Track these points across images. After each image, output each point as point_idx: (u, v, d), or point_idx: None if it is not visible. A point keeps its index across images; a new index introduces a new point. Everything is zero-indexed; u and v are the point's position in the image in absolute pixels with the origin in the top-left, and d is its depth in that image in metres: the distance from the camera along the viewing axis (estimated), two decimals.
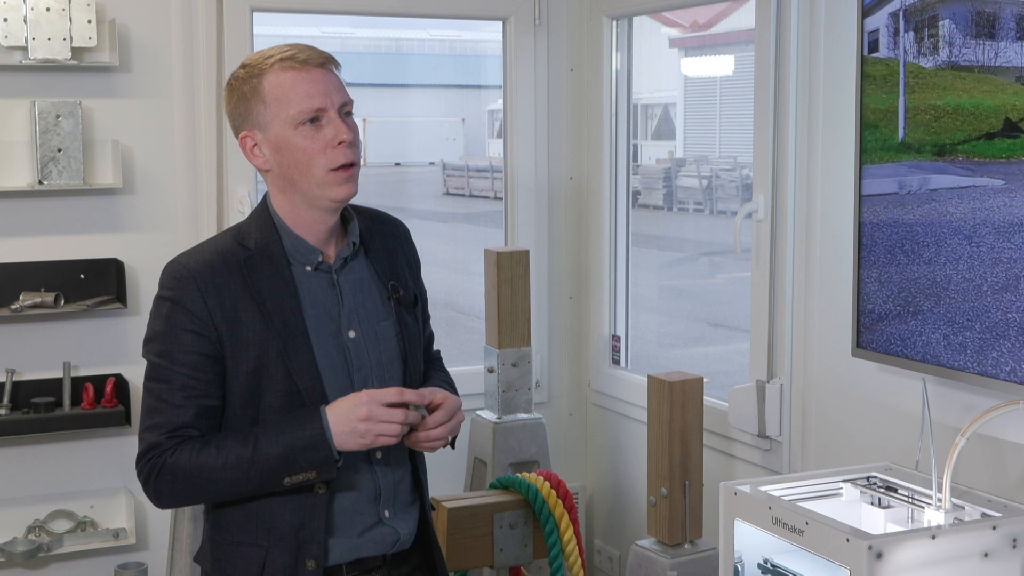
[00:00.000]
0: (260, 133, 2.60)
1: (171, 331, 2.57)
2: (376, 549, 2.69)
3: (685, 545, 3.68)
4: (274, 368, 2.58)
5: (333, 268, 2.67)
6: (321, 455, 2.54)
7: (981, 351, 2.86)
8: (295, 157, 2.58)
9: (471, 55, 14.33)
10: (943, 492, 2.62)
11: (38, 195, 4.22)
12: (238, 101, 2.63)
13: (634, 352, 4.88)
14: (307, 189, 2.61)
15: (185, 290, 2.57)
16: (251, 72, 2.60)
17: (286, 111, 2.57)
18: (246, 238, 2.65)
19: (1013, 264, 2.76)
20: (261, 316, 2.58)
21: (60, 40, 4.10)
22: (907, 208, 3.04)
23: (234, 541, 2.66)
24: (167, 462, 2.54)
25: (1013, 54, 2.75)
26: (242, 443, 2.55)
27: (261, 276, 2.61)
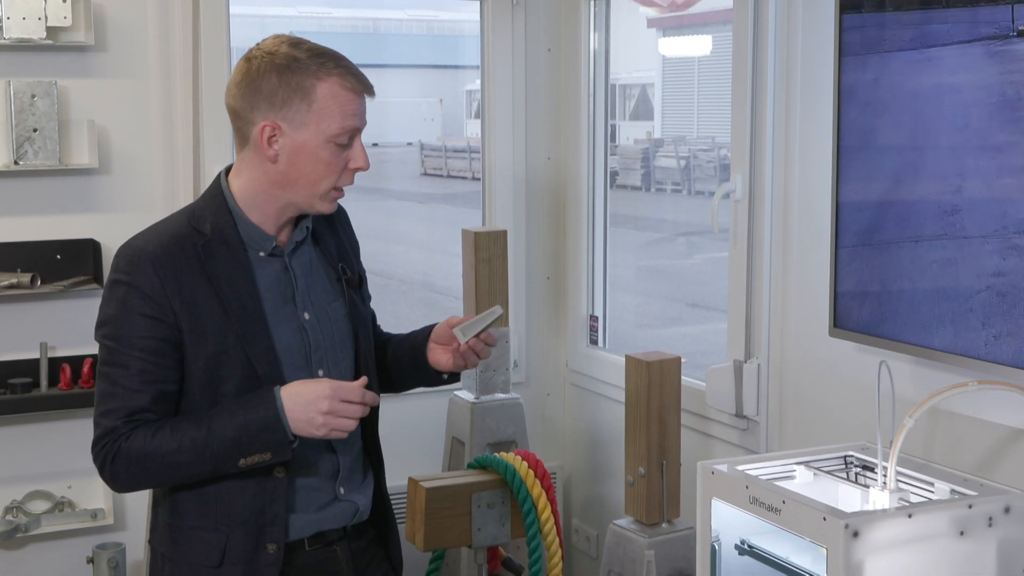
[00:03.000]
0: (287, 128, 2.58)
1: (127, 315, 2.56)
2: (336, 523, 2.75)
3: (663, 524, 3.69)
4: (233, 354, 2.59)
5: (285, 252, 2.68)
6: (276, 437, 2.55)
7: (957, 331, 2.87)
8: (310, 167, 2.59)
9: (448, 35, 14.31)
10: (888, 472, 2.64)
11: (13, 175, 4.20)
12: (278, 87, 2.57)
13: (612, 332, 4.88)
14: (300, 196, 2.63)
15: (142, 274, 2.56)
16: (304, 68, 2.57)
17: (329, 126, 2.57)
18: (201, 222, 2.64)
19: (987, 242, 2.77)
20: (219, 302, 2.58)
21: (35, 19, 4.07)
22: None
23: (193, 526, 2.67)
24: (122, 446, 2.55)
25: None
26: (196, 425, 2.56)
27: (218, 262, 2.60)
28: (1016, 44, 2.71)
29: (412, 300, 3.04)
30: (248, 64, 2.62)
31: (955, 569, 2.52)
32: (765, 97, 3.64)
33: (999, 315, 2.76)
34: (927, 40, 2.92)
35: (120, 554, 4.27)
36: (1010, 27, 2.75)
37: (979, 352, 2.82)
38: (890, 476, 2.63)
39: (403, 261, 8.51)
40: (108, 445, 2.57)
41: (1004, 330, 2.76)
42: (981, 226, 2.79)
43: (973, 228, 2.81)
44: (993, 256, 2.76)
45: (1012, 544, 2.56)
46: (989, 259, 2.78)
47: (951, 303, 2.89)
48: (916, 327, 2.99)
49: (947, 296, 2.89)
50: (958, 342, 2.87)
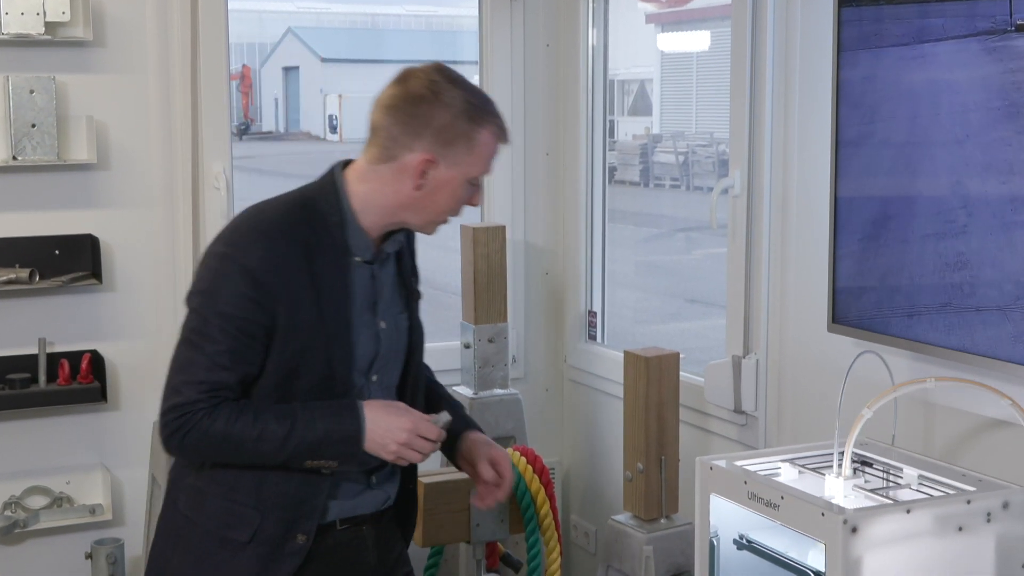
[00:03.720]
0: (443, 165, 2.64)
1: (231, 292, 2.58)
2: (369, 508, 2.81)
3: (661, 520, 3.69)
4: (316, 354, 2.64)
5: (375, 261, 2.73)
6: (350, 451, 2.64)
7: (955, 327, 2.87)
8: (445, 200, 2.68)
9: (447, 31, 14.28)
10: (844, 461, 2.66)
11: (12, 171, 4.20)
12: (448, 127, 2.63)
13: (610, 328, 4.88)
14: (418, 219, 2.72)
15: (254, 257, 2.59)
16: (472, 114, 2.64)
17: (476, 169, 2.67)
18: (312, 216, 2.67)
19: (985, 238, 2.78)
20: (316, 302, 2.63)
21: (33, 15, 4.07)
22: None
23: (231, 498, 2.70)
24: (203, 423, 2.58)
25: None
26: (279, 421, 2.60)
27: (323, 261, 2.64)
28: (1014, 39, 2.71)
29: None
30: (412, 92, 2.66)
31: (953, 564, 2.52)
32: (764, 92, 3.64)
33: (995, 312, 2.76)
34: (922, 35, 2.92)
35: (119, 550, 4.27)
36: (1008, 21, 2.75)
37: (976, 347, 2.82)
38: (845, 464, 2.66)
39: None
40: (187, 417, 2.58)
41: (1002, 327, 2.76)
42: (980, 222, 2.79)
43: (972, 224, 2.81)
44: (991, 253, 2.77)
45: (1010, 540, 2.56)
46: (987, 256, 2.78)
47: (949, 299, 2.89)
48: (914, 323, 2.99)
49: (945, 292, 2.90)
50: (955, 338, 2.88)
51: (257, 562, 2.68)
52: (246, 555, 2.67)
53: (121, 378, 4.42)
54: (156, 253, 4.41)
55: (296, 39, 34.21)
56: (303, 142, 32.04)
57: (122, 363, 4.41)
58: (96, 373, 4.28)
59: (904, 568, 2.47)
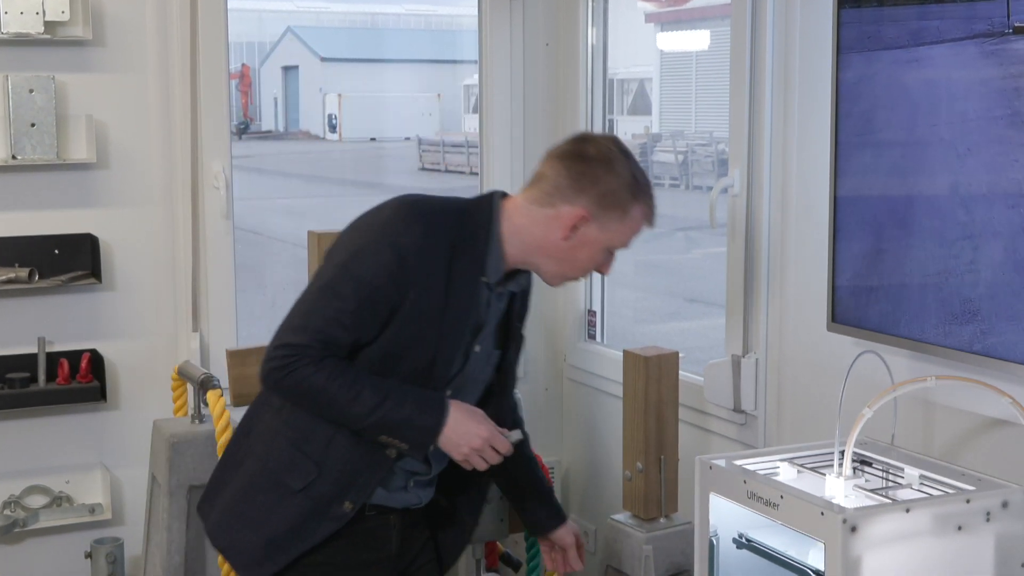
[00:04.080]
0: (595, 225, 2.83)
1: (377, 263, 2.74)
2: (398, 504, 2.98)
3: (660, 519, 3.69)
4: (425, 348, 2.81)
5: (495, 291, 2.91)
6: (423, 440, 2.81)
7: (954, 326, 2.87)
8: (583, 259, 2.88)
9: (446, 30, 14.28)
10: (844, 460, 2.65)
11: (11, 170, 4.20)
12: (610, 193, 2.82)
13: (610, 327, 4.88)
14: (550, 268, 2.91)
15: (411, 241, 2.75)
16: (634, 190, 2.85)
17: (620, 239, 2.88)
18: (467, 227, 2.84)
19: (985, 236, 2.78)
20: (444, 300, 2.79)
21: (33, 14, 4.07)
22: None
23: (299, 447, 2.86)
24: (307, 370, 2.73)
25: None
26: (374, 392, 2.75)
27: (461, 269, 2.81)
28: (1013, 42, 2.71)
29: None
30: (588, 153, 2.86)
31: (953, 564, 2.52)
32: (763, 92, 3.64)
33: (995, 311, 2.76)
34: (919, 37, 2.92)
35: (118, 549, 4.27)
36: (1006, 23, 2.74)
37: (976, 347, 2.82)
38: (846, 463, 2.65)
39: None
40: (294, 358, 2.73)
41: (1000, 326, 2.76)
42: (979, 221, 2.79)
43: (971, 224, 2.81)
44: (991, 252, 2.77)
45: (1010, 539, 2.56)
46: (986, 255, 2.78)
47: (947, 298, 2.89)
48: (914, 322, 2.99)
49: (944, 291, 2.90)
50: (955, 337, 2.88)
51: (299, 514, 2.84)
52: (292, 503, 2.85)
53: (120, 377, 4.42)
54: (156, 252, 4.41)
55: (295, 38, 34.20)
56: (302, 141, 31.99)
57: (121, 362, 4.41)
58: (95, 372, 4.28)
59: (903, 567, 2.47)
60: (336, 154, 13.98)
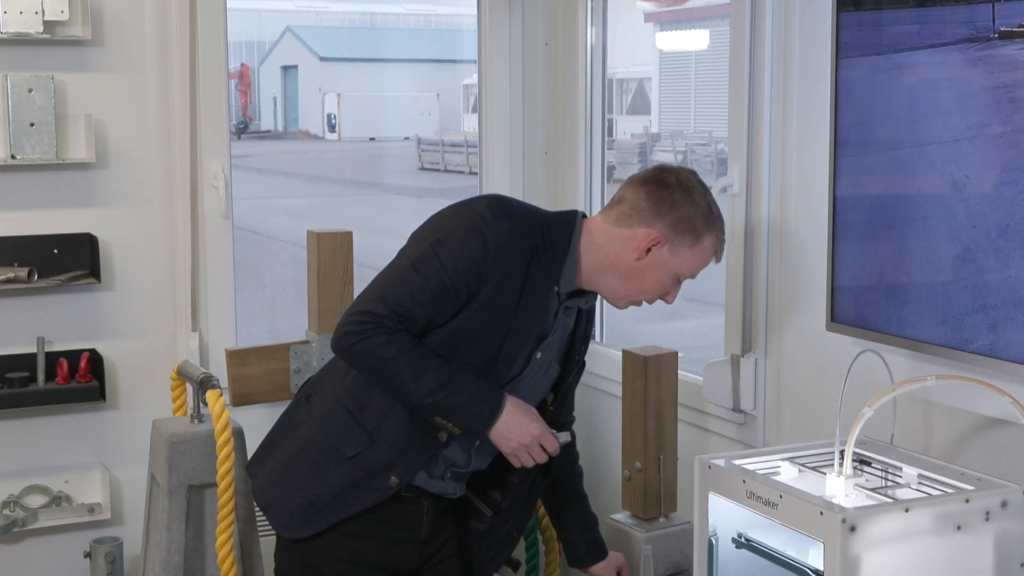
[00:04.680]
0: (667, 248, 2.96)
1: (464, 249, 2.89)
2: (435, 490, 3.11)
3: (659, 519, 3.69)
4: (492, 339, 2.94)
5: (563, 303, 3.03)
6: (476, 428, 2.94)
7: (953, 326, 2.87)
8: (651, 282, 3.00)
9: (446, 30, 14.28)
10: (845, 460, 2.66)
11: (11, 169, 4.20)
12: (685, 219, 2.96)
13: (609, 327, 4.88)
14: (616, 288, 3.03)
15: (499, 234, 2.89)
16: (708, 220, 2.98)
17: (688, 266, 3.00)
18: (548, 234, 2.97)
19: (984, 236, 2.78)
20: (517, 298, 2.92)
21: (32, 14, 4.07)
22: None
23: (356, 417, 3.01)
24: (379, 340, 2.86)
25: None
26: (437, 374, 2.88)
27: (538, 273, 2.94)
28: (998, 48, 2.70)
29: None
30: (669, 181, 3.00)
31: (952, 563, 2.52)
32: (762, 91, 3.64)
33: (994, 310, 2.76)
34: (913, 41, 2.92)
35: (117, 548, 4.27)
36: (991, 28, 2.74)
37: (975, 347, 2.82)
38: (846, 463, 2.65)
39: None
40: (371, 327, 2.86)
41: (999, 326, 2.76)
42: (978, 221, 2.79)
43: (970, 223, 2.81)
44: (990, 252, 2.77)
45: (1009, 538, 2.56)
46: (986, 254, 2.78)
47: (947, 298, 2.89)
48: (913, 322, 2.99)
49: (943, 291, 2.90)
50: (954, 336, 2.88)
51: (344, 481, 2.98)
52: (340, 470, 2.99)
53: (120, 377, 4.42)
54: (155, 252, 4.41)
55: (295, 38, 34.17)
56: (302, 141, 31.93)
57: (121, 362, 4.41)
58: (95, 372, 4.28)
59: (903, 567, 2.47)
60: (335, 154, 13.99)
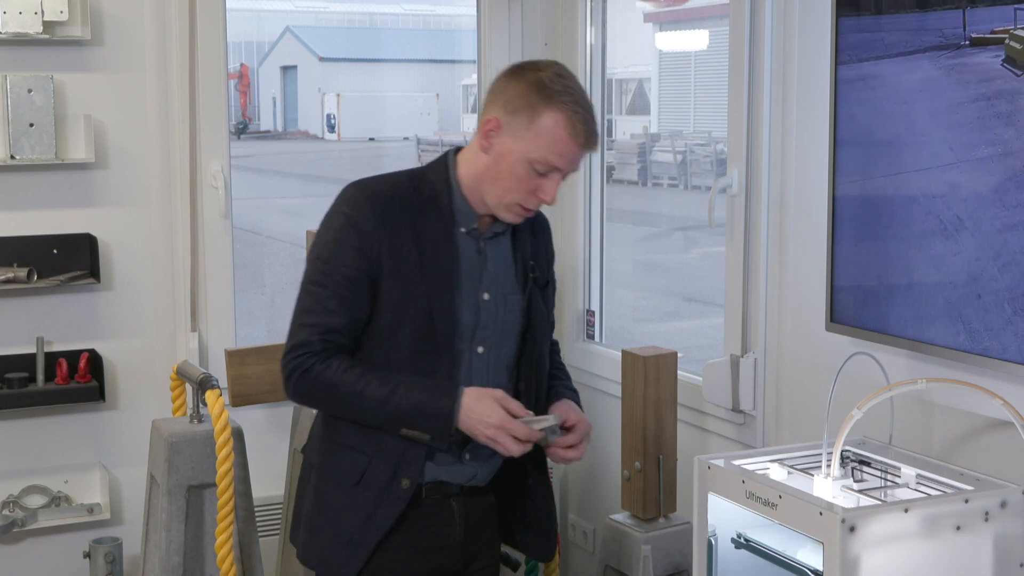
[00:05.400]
0: (506, 132, 2.83)
1: (341, 245, 2.85)
2: (455, 478, 3.00)
3: (659, 519, 3.69)
4: (418, 304, 2.86)
5: (483, 236, 2.93)
6: (442, 427, 2.84)
7: (953, 326, 2.88)
8: (506, 178, 2.85)
9: (445, 30, 14.28)
10: (832, 461, 2.66)
11: (10, 169, 4.20)
12: (519, 95, 2.81)
13: (609, 327, 4.88)
14: (489, 197, 2.89)
15: (363, 213, 2.85)
16: (544, 93, 2.80)
17: (535, 151, 2.81)
18: (421, 184, 2.92)
19: (982, 237, 2.78)
20: (419, 255, 2.86)
21: (31, 14, 4.07)
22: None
23: (345, 445, 2.95)
24: (316, 368, 2.84)
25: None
26: (382, 383, 2.83)
27: (427, 222, 2.88)
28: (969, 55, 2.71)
29: None
30: (508, 70, 2.90)
31: (951, 564, 2.52)
32: (762, 91, 3.64)
33: (994, 311, 2.77)
34: (905, 46, 2.93)
35: (117, 548, 4.27)
36: (961, 35, 2.75)
37: (975, 347, 2.82)
38: (834, 464, 2.65)
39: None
40: (300, 358, 2.84)
41: (999, 326, 2.76)
42: (977, 221, 2.79)
43: (969, 224, 2.81)
44: (989, 252, 2.77)
45: (1008, 539, 2.56)
46: (985, 255, 2.78)
47: (946, 298, 2.89)
48: (912, 322, 2.99)
49: (943, 291, 2.90)
50: (953, 337, 2.88)
51: (367, 505, 2.91)
52: (356, 498, 2.92)
53: (119, 377, 4.42)
54: (154, 252, 4.41)
55: (294, 38, 34.18)
56: (301, 141, 31.94)
57: (120, 362, 4.42)
58: (94, 372, 4.28)
59: (902, 567, 2.47)
60: (335, 154, 13.99)
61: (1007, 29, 2.73)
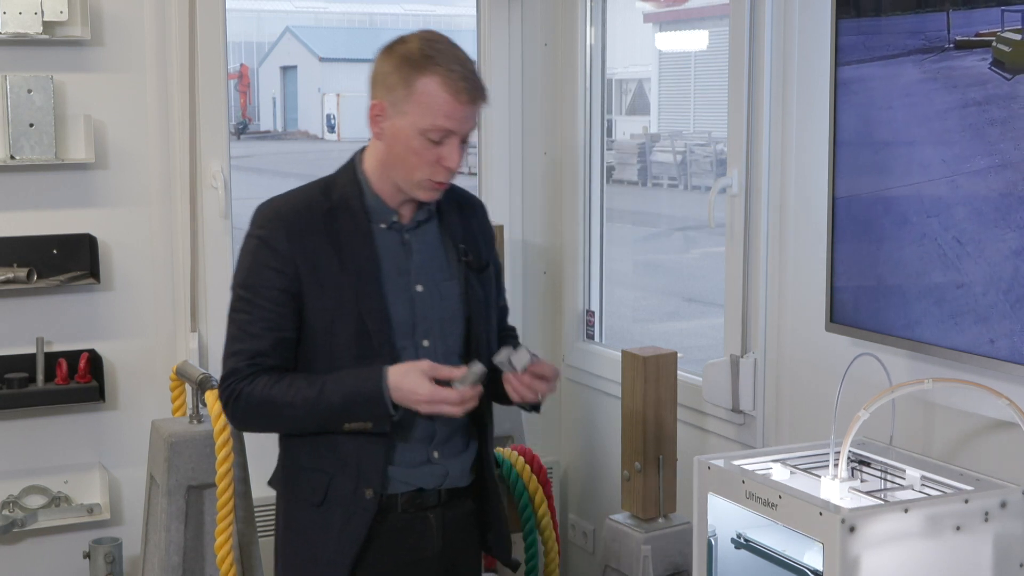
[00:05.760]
0: (391, 111, 2.78)
1: (256, 267, 2.81)
2: (429, 483, 2.92)
3: (659, 519, 3.69)
4: (347, 310, 2.80)
5: (405, 228, 2.88)
6: (378, 410, 2.76)
7: (953, 326, 2.88)
8: (405, 155, 2.78)
9: (445, 30, 14.26)
10: (840, 462, 2.65)
11: (10, 170, 4.20)
12: (391, 72, 2.77)
13: (608, 327, 4.88)
14: (399, 180, 2.82)
15: (273, 231, 2.80)
16: (414, 61, 2.75)
17: (421, 119, 2.74)
18: (331, 190, 2.87)
19: (982, 238, 2.78)
20: (339, 262, 2.80)
21: (31, 14, 4.07)
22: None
23: (304, 467, 2.90)
24: (244, 389, 2.80)
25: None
26: (310, 385, 2.78)
27: (342, 226, 2.82)
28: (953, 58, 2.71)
29: None
30: (385, 49, 2.83)
31: (951, 564, 2.52)
32: (762, 91, 3.64)
33: (993, 311, 2.77)
34: (898, 48, 2.93)
35: (116, 549, 4.27)
36: (945, 38, 2.75)
37: (974, 347, 2.82)
38: (841, 465, 2.65)
39: None
40: (232, 385, 2.81)
41: (998, 326, 2.76)
42: (976, 222, 2.79)
43: (968, 224, 2.81)
44: (988, 253, 2.77)
45: (1008, 539, 2.56)
46: (984, 255, 2.78)
47: (947, 298, 2.89)
48: (912, 322, 2.99)
49: (943, 291, 2.90)
50: (954, 337, 2.88)
51: (336, 521, 2.85)
52: (323, 518, 2.86)
53: (119, 377, 4.42)
54: (154, 252, 4.41)
55: (294, 38, 34.20)
56: (301, 141, 31.94)
57: (120, 362, 4.41)
58: (94, 372, 4.27)
59: (902, 567, 2.47)
60: (335, 154, 13.96)
61: (994, 31, 2.72)
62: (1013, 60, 2.68)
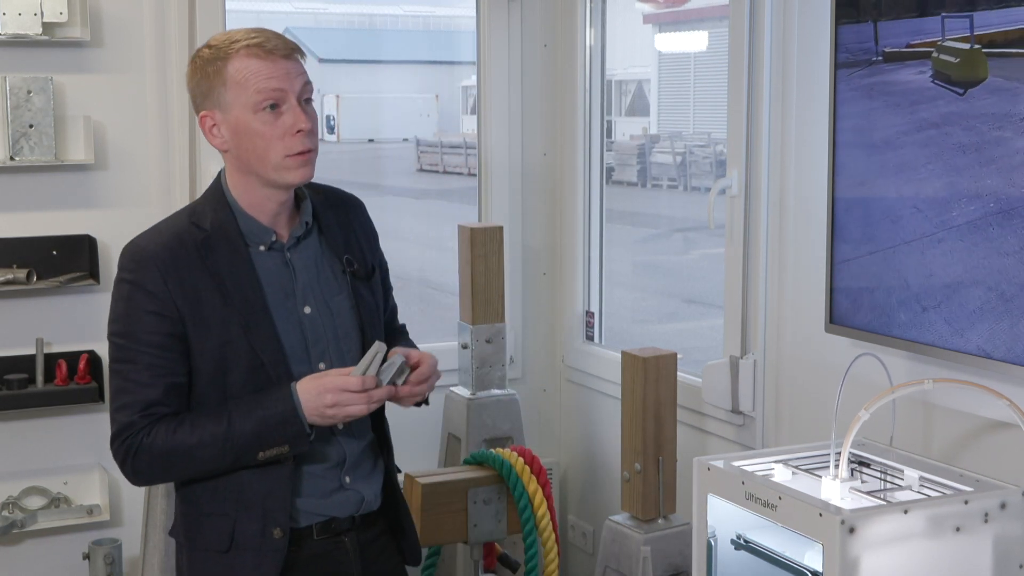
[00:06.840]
0: (220, 114, 2.69)
1: (133, 313, 2.66)
2: (343, 511, 2.79)
3: (659, 520, 3.69)
4: (237, 345, 2.66)
5: (286, 247, 2.74)
6: (294, 430, 2.63)
7: (952, 327, 2.87)
8: (253, 142, 2.68)
9: (444, 31, 14.27)
10: (840, 462, 2.64)
11: (9, 171, 4.20)
12: (200, 80, 2.70)
13: (608, 328, 4.88)
14: (263, 171, 2.69)
15: (145, 272, 2.66)
16: (216, 54, 2.68)
17: (246, 96, 2.65)
18: (201, 219, 2.74)
19: (981, 238, 2.78)
20: (221, 295, 2.65)
21: (31, 15, 4.07)
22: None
23: (205, 512, 2.74)
24: (143, 442, 2.63)
25: None
26: (216, 421, 2.64)
27: (219, 257, 2.69)
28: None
29: (408, 296, 3.06)
30: (189, 67, 2.76)
31: (951, 565, 2.52)
32: (761, 92, 3.64)
33: (993, 312, 2.77)
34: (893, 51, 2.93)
35: (116, 550, 4.27)
36: (873, 49, 2.71)
37: (973, 348, 2.82)
38: (842, 466, 2.64)
39: (399, 257, 8.49)
40: (128, 440, 2.65)
41: (998, 327, 2.76)
42: (975, 223, 2.79)
43: (967, 225, 2.81)
44: (988, 253, 2.77)
45: (1008, 540, 2.56)
46: (984, 256, 2.78)
47: (946, 299, 2.89)
48: (912, 323, 2.99)
49: (943, 292, 2.90)
50: (953, 338, 2.88)
51: (245, 567, 2.71)
52: (234, 563, 2.71)
53: None
54: None
55: (293, 39, 34.25)
56: None
57: None
58: (94, 373, 4.27)
59: (902, 568, 2.47)
60: (334, 155, 13.97)
61: (933, 41, 2.63)
62: (963, 72, 2.60)
